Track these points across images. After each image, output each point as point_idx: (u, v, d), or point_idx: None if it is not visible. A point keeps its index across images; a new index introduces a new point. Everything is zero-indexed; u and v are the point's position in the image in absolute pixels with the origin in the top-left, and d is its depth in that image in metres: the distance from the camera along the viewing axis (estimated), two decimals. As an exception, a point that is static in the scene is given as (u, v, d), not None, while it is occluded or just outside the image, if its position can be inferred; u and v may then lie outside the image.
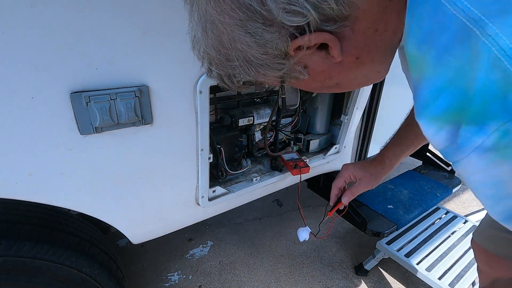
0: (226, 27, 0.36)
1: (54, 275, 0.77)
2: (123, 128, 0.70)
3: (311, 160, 1.28)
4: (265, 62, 0.38)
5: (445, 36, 0.28)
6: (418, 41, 0.31)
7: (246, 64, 0.39)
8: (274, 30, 0.35)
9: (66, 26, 0.56)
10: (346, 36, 0.37)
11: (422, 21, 0.30)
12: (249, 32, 0.35)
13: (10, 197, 0.64)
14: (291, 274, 1.53)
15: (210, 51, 0.40)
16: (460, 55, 0.27)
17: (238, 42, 0.37)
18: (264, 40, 0.36)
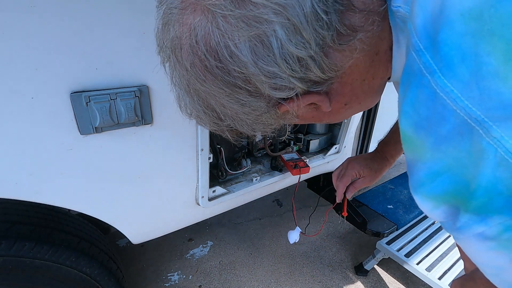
0: (213, 96, 0.37)
1: (54, 275, 0.77)
2: (123, 128, 0.70)
3: (311, 160, 1.28)
4: (256, 121, 0.39)
5: (444, 128, 0.28)
6: (414, 125, 0.31)
7: (239, 122, 0.40)
8: (262, 100, 0.36)
9: (66, 26, 0.56)
10: (334, 90, 0.38)
11: (418, 105, 0.30)
12: (238, 102, 0.36)
13: (10, 197, 0.64)
14: (291, 274, 1.53)
15: (199, 114, 0.41)
16: (460, 147, 0.27)
17: (228, 108, 0.38)
18: (253, 106, 0.37)
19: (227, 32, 0.32)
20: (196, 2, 0.33)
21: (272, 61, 0.32)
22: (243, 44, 0.32)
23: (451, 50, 0.26)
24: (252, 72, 0.33)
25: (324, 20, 0.31)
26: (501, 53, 0.24)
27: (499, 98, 0.24)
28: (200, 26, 0.33)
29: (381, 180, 2.35)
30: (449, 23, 0.26)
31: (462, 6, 0.25)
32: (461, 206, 0.30)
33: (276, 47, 0.32)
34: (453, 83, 0.26)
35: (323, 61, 0.33)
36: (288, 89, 0.35)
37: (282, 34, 0.31)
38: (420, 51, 0.29)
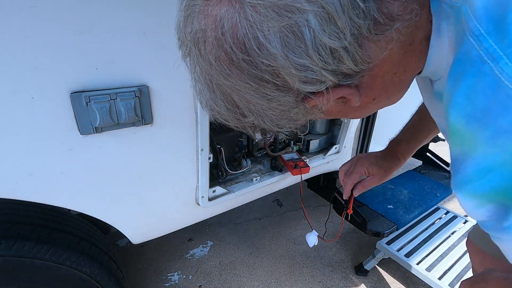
0: (237, 91, 0.36)
1: (54, 275, 0.77)
2: (123, 128, 0.70)
3: (311, 160, 1.28)
4: (282, 116, 0.38)
5: (506, 119, 0.26)
6: (467, 116, 0.29)
7: (264, 118, 0.38)
8: (291, 94, 0.34)
9: (66, 26, 0.56)
10: (364, 83, 0.36)
11: (475, 95, 0.28)
12: (264, 97, 0.35)
13: (10, 197, 0.64)
14: (291, 274, 1.53)
15: (221, 110, 0.39)
16: (500, 146, 0.26)
17: (252, 104, 0.36)
18: (280, 101, 0.35)
19: (256, 22, 0.30)
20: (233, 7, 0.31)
21: (304, 53, 0.30)
22: (273, 35, 0.30)
23: None
24: (282, 65, 0.31)
25: (361, 7, 0.29)
26: None
27: None
28: (227, 17, 0.31)
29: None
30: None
31: None
32: (509, 207, 0.28)
33: (309, 38, 0.30)
34: None
35: (356, 53, 0.32)
36: (319, 82, 0.33)
37: (316, 23, 0.29)
38: (481, 35, 0.27)
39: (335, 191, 1.54)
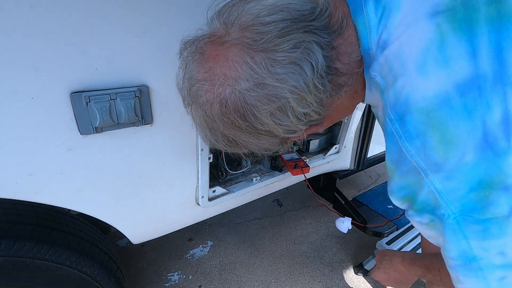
0: (237, 137, 0.50)
1: (54, 275, 0.77)
2: (123, 128, 0.70)
3: (311, 160, 1.28)
4: (269, 147, 0.54)
5: (405, 167, 0.45)
6: (392, 161, 0.48)
7: (253, 147, 0.53)
8: (277, 138, 0.52)
9: (66, 26, 0.56)
10: (325, 119, 0.54)
11: (393, 152, 0.47)
12: (257, 139, 0.50)
13: (10, 197, 0.64)
14: (291, 274, 1.53)
15: (220, 145, 0.53)
16: (412, 178, 0.45)
17: (247, 142, 0.51)
18: (269, 141, 0.52)
19: (253, 105, 0.45)
20: (223, 82, 0.44)
21: (287, 120, 0.47)
22: (266, 112, 0.45)
23: (411, 127, 0.42)
24: (272, 127, 0.47)
25: (321, 89, 0.46)
26: (437, 137, 0.40)
27: (433, 160, 0.41)
28: (230, 99, 0.45)
29: (381, 180, 2.35)
30: (410, 113, 0.42)
31: (418, 105, 0.41)
32: (411, 206, 0.49)
33: (290, 112, 0.46)
34: (411, 146, 0.42)
35: (320, 110, 0.49)
36: (298, 131, 0.50)
37: (294, 103, 0.45)
38: (392, 120, 0.44)
39: (335, 191, 1.55)
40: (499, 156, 0.37)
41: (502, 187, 0.38)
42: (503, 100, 0.36)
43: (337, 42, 0.48)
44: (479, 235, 0.41)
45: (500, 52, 0.36)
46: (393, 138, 0.45)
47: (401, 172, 0.47)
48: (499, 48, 0.36)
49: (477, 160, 0.38)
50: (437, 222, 0.45)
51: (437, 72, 0.39)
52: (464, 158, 0.39)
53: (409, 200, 0.49)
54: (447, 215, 0.42)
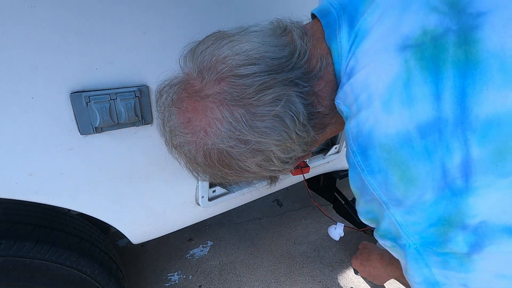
0: (220, 176, 0.51)
1: (54, 275, 0.77)
2: (123, 128, 0.70)
3: (311, 160, 1.28)
4: (252, 181, 0.59)
5: (368, 197, 0.45)
6: (356, 188, 0.48)
7: (237, 180, 0.53)
8: (264, 178, 0.56)
9: (66, 26, 0.56)
10: (311, 148, 0.56)
11: (356, 181, 0.47)
12: (245, 178, 0.51)
13: (10, 197, 0.64)
14: (291, 274, 1.53)
15: (207, 179, 0.55)
16: (375, 207, 0.46)
17: (231, 178, 0.52)
18: (257, 177, 0.54)
19: (237, 158, 0.45)
20: (204, 138, 0.44)
21: (273, 166, 0.48)
22: (252, 163, 0.46)
23: (373, 162, 0.42)
24: (259, 173, 0.49)
25: (304, 136, 0.47)
26: (398, 175, 0.40)
27: (394, 196, 0.41)
28: (213, 153, 0.45)
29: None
30: (373, 148, 0.41)
31: (381, 141, 0.40)
32: (375, 229, 0.50)
33: (276, 160, 0.47)
34: (373, 180, 0.42)
35: (306, 147, 0.51)
36: (285, 170, 0.52)
37: (279, 153, 0.46)
38: (355, 152, 0.44)
39: (335, 191, 1.55)
40: (456, 196, 0.37)
41: (459, 226, 0.38)
42: (463, 144, 0.36)
43: (318, 87, 0.48)
44: (440, 265, 0.41)
45: (463, 98, 0.36)
46: (355, 169, 0.45)
47: (365, 200, 0.47)
48: (462, 94, 0.36)
49: (435, 198, 0.38)
50: (399, 249, 0.46)
51: (401, 111, 0.39)
52: (424, 196, 0.39)
53: (375, 222, 0.49)
54: (408, 245, 0.43)
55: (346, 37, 0.46)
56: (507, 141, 0.34)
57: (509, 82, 0.34)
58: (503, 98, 0.34)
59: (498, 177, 0.35)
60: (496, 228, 0.37)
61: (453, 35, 0.37)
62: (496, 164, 0.35)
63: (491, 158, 0.35)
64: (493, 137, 0.35)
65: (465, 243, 0.39)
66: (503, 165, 0.35)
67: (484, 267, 0.39)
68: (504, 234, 0.37)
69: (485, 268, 0.39)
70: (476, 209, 0.37)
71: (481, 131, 0.35)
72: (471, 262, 0.39)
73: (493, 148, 0.35)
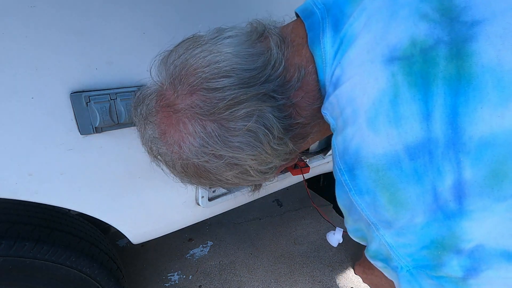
0: (203, 184, 0.51)
1: (54, 275, 0.77)
2: (123, 128, 0.70)
3: (311, 160, 1.28)
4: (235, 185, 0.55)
5: (356, 215, 0.44)
6: (344, 206, 0.47)
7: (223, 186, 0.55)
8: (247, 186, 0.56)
9: (66, 26, 0.56)
10: (294, 156, 0.55)
11: (343, 199, 0.45)
12: (227, 185, 0.51)
13: (10, 197, 0.64)
14: (291, 274, 1.53)
15: (199, 185, 0.53)
16: (364, 227, 0.45)
17: (220, 186, 0.53)
18: (240, 184, 0.52)
19: (214, 172, 0.45)
20: (179, 152, 0.44)
21: (252, 177, 0.48)
22: (230, 176, 0.46)
23: (361, 183, 0.39)
24: (238, 183, 0.49)
25: (281, 149, 0.46)
26: (386, 197, 0.38)
27: (384, 217, 0.39)
28: (190, 166, 0.46)
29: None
30: (360, 168, 0.39)
31: (369, 161, 0.38)
32: (366, 249, 0.48)
33: (253, 172, 0.47)
34: (361, 201, 0.41)
35: (287, 157, 0.50)
36: (266, 179, 0.52)
37: (256, 165, 0.46)
38: (341, 170, 0.42)
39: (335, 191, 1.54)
40: (449, 219, 0.35)
41: (453, 250, 0.36)
42: (456, 167, 0.33)
43: (296, 98, 0.45)
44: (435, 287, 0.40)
45: (455, 118, 0.33)
46: (342, 188, 0.42)
47: (353, 219, 0.45)
48: (454, 113, 0.33)
49: (427, 221, 0.36)
50: (391, 271, 0.44)
51: (388, 130, 0.36)
52: (414, 219, 0.37)
53: (365, 240, 0.47)
54: (400, 267, 0.41)
55: (331, 43, 0.43)
56: (504, 163, 0.32)
57: (506, 100, 0.31)
58: (500, 117, 0.31)
59: (495, 201, 0.33)
60: (494, 252, 0.35)
61: (445, 47, 0.34)
62: (491, 187, 0.32)
63: (486, 181, 0.33)
64: (488, 159, 0.32)
65: (460, 268, 0.37)
66: (499, 189, 0.32)
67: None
68: (502, 259, 0.35)
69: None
70: (470, 233, 0.35)
71: (475, 153, 0.32)
72: (468, 287, 0.38)
73: (488, 171, 0.32)
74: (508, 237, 0.34)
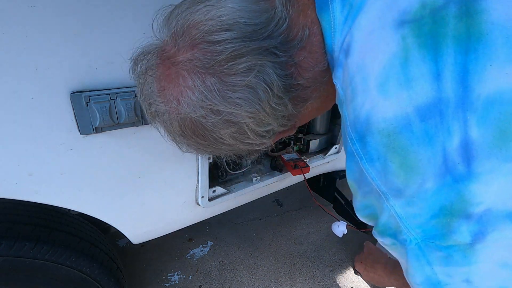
0: (199, 148, 0.50)
1: (54, 275, 0.77)
2: (123, 128, 0.70)
3: (311, 160, 1.28)
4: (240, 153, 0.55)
5: (367, 188, 0.43)
6: (354, 180, 0.46)
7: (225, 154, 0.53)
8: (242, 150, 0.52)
9: (66, 26, 0.56)
10: (297, 122, 0.54)
11: (354, 171, 0.45)
12: (224, 150, 0.50)
13: (10, 197, 0.64)
14: (291, 274, 1.53)
15: (189, 149, 0.51)
16: (374, 199, 0.43)
17: (216, 152, 0.52)
18: (237, 150, 0.51)
19: (211, 129, 0.44)
20: (177, 107, 0.43)
21: (249, 139, 0.46)
22: (225, 135, 0.45)
23: (372, 149, 0.40)
24: (235, 145, 0.48)
25: (280, 109, 0.45)
26: (397, 162, 0.38)
27: (394, 185, 0.39)
28: (187, 123, 0.44)
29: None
30: (371, 134, 0.39)
31: (379, 126, 0.38)
32: (374, 226, 0.48)
33: (250, 132, 0.45)
34: (372, 169, 0.41)
35: (285, 122, 0.48)
36: (263, 144, 0.50)
37: (253, 125, 0.45)
38: (353, 140, 0.42)
39: (335, 191, 1.55)
40: (458, 182, 0.35)
41: (463, 215, 0.36)
42: (463, 126, 0.34)
43: (299, 57, 0.45)
44: (443, 261, 0.39)
45: (465, 76, 0.33)
46: (353, 158, 0.43)
47: (363, 192, 0.45)
48: (464, 71, 0.33)
49: (437, 187, 0.37)
50: (399, 246, 0.44)
51: (399, 93, 0.36)
52: (425, 184, 0.37)
53: (374, 219, 0.47)
54: (409, 240, 0.41)
55: (340, 8, 0.42)
56: (511, 122, 0.32)
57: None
58: (507, 75, 0.31)
59: (503, 161, 0.33)
60: (500, 214, 0.35)
61: (454, 6, 0.34)
62: (499, 147, 0.32)
63: (494, 141, 0.32)
64: (495, 117, 0.32)
65: (469, 233, 0.37)
66: (508, 148, 0.32)
67: (487, 257, 0.37)
68: (507, 220, 0.35)
69: (487, 258, 0.37)
70: (479, 196, 0.35)
71: (481, 111, 0.32)
72: (474, 252, 0.37)
73: (494, 129, 0.32)
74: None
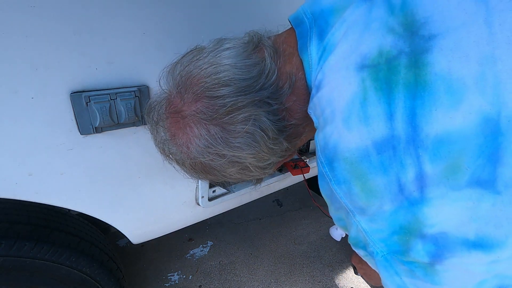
0: (211, 180, 0.60)
1: (54, 275, 0.77)
2: (123, 128, 0.70)
3: (311, 160, 1.28)
4: None
5: (337, 204, 0.49)
6: (326, 195, 0.51)
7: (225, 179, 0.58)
8: None
9: (66, 25, 0.56)
10: (296, 146, 0.60)
11: (326, 190, 0.50)
12: (231, 180, 0.57)
13: (10, 197, 0.64)
14: (291, 274, 1.53)
15: (206, 180, 0.63)
16: (344, 214, 0.49)
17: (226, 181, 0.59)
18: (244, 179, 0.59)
19: (219, 168, 0.52)
20: (187, 152, 0.50)
21: (253, 173, 0.54)
22: (232, 172, 0.52)
23: (339, 174, 0.44)
24: (241, 177, 0.55)
25: (277, 148, 0.52)
26: (359, 186, 0.43)
27: (358, 204, 0.44)
28: (197, 163, 0.52)
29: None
30: (338, 160, 0.44)
31: (344, 155, 0.43)
32: (348, 237, 0.52)
33: (253, 168, 0.53)
34: (339, 190, 0.45)
35: (284, 154, 0.55)
36: (266, 173, 0.57)
37: (255, 163, 0.52)
38: (323, 163, 0.47)
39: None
40: (413, 205, 0.39)
41: (418, 235, 0.40)
42: (416, 161, 0.38)
43: (289, 102, 0.52)
44: (408, 274, 0.43)
45: (413, 118, 0.38)
46: (324, 179, 0.48)
47: (335, 207, 0.50)
48: (412, 114, 0.38)
49: (394, 208, 0.41)
50: (370, 258, 0.48)
51: (359, 128, 0.41)
52: (383, 207, 0.42)
53: (346, 230, 0.52)
54: (376, 252, 0.45)
55: (316, 50, 0.49)
56: (457, 158, 0.36)
57: (455, 103, 0.36)
58: (451, 118, 0.36)
59: (450, 189, 0.37)
60: (456, 240, 0.38)
61: (405, 57, 0.39)
62: (447, 178, 0.37)
63: (443, 173, 0.37)
64: (444, 155, 0.37)
65: (425, 252, 0.40)
66: (454, 179, 0.37)
67: (450, 281, 0.41)
68: (463, 247, 0.38)
69: (451, 282, 0.41)
70: (431, 218, 0.39)
71: (432, 149, 0.37)
72: (436, 273, 0.41)
73: (444, 165, 0.37)
74: (467, 225, 0.38)
